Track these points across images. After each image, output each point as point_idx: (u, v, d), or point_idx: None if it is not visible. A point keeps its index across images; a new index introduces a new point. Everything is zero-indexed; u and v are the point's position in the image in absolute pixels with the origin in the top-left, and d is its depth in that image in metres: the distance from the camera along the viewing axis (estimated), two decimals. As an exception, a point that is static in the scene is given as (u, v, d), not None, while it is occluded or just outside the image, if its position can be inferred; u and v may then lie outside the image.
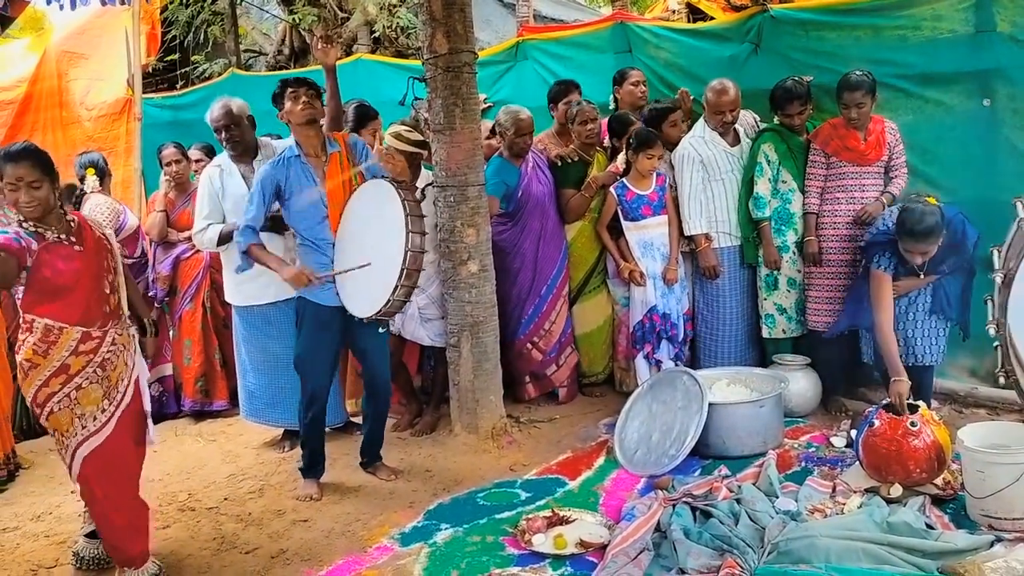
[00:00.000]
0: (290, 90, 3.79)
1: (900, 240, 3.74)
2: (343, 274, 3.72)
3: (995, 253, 3.49)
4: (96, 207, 4.93)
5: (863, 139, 4.32)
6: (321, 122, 3.96)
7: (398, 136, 4.42)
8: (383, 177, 3.69)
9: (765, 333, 4.72)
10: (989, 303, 3.47)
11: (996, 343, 3.45)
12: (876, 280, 3.85)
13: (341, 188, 3.81)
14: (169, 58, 9.06)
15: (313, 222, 3.81)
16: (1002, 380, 3.28)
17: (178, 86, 8.76)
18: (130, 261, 5.14)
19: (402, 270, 3.52)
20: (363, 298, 3.70)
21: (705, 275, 4.72)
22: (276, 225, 4.14)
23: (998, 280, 3.34)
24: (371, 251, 3.65)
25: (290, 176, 3.78)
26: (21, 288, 2.92)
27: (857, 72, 4.24)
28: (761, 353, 4.83)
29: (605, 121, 5.14)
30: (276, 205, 3.91)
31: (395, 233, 3.55)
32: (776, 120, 4.63)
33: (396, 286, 3.53)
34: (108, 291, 3.09)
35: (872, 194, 4.34)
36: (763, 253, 4.63)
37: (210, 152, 5.46)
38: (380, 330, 3.89)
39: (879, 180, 4.39)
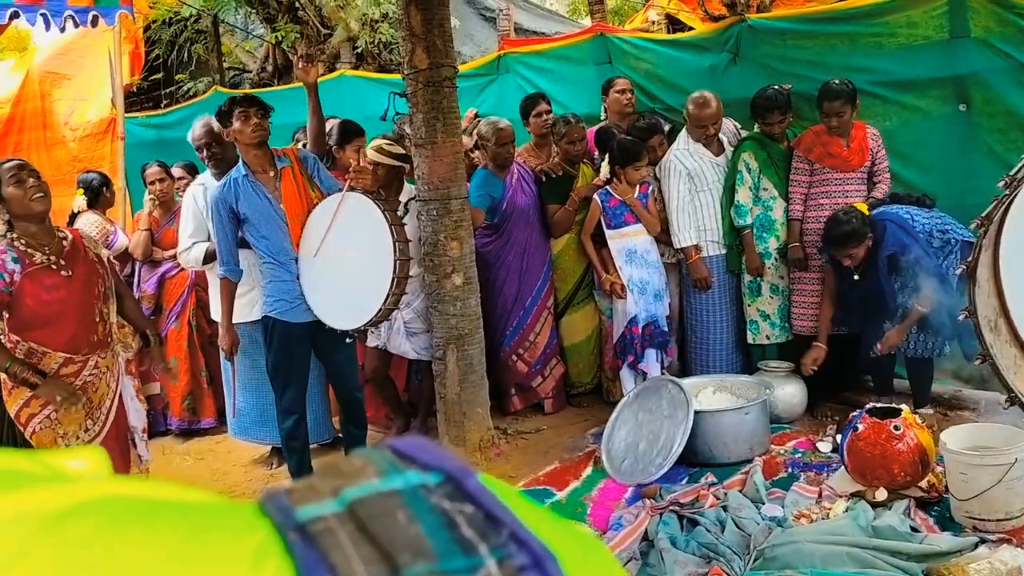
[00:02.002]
0: (239, 110, 3.72)
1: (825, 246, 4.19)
2: (313, 293, 3.76)
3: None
4: (86, 226, 4.95)
5: (846, 145, 4.35)
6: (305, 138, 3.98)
7: (379, 149, 4.45)
8: (353, 190, 3.69)
9: (750, 339, 4.74)
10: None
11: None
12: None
13: (298, 201, 3.82)
14: (153, 77, 9.06)
15: (274, 239, 3.82)
16: (977, 362, 3.25)
17: (162, 105, 8.77)
18: None
19: (393, 278, 3.55)
20: (346, 311, 3.72)
21: (697, 286, 4.74)
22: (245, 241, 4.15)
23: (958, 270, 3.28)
24: (354, 263, 3.67)
25: (241, 196, 3.77)
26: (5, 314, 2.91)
27: (836, 81, 4.28)
28: (748, 359, 4.84)
29: (592, 132, 5.17)
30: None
31: (378, 243, 3.56)
32: (756, 128, 4.67)
33: (388, 294, 3.56)
34: (98, 319, 3.05)
35: (856, 199, 4.37)
36: (746, 260, 4.65)
37: (192, 170, 5.46)
38: (347, 340, 3.91)
39: (862, 186, 4.42)
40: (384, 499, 0.32)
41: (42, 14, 4.93)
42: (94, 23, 5.32)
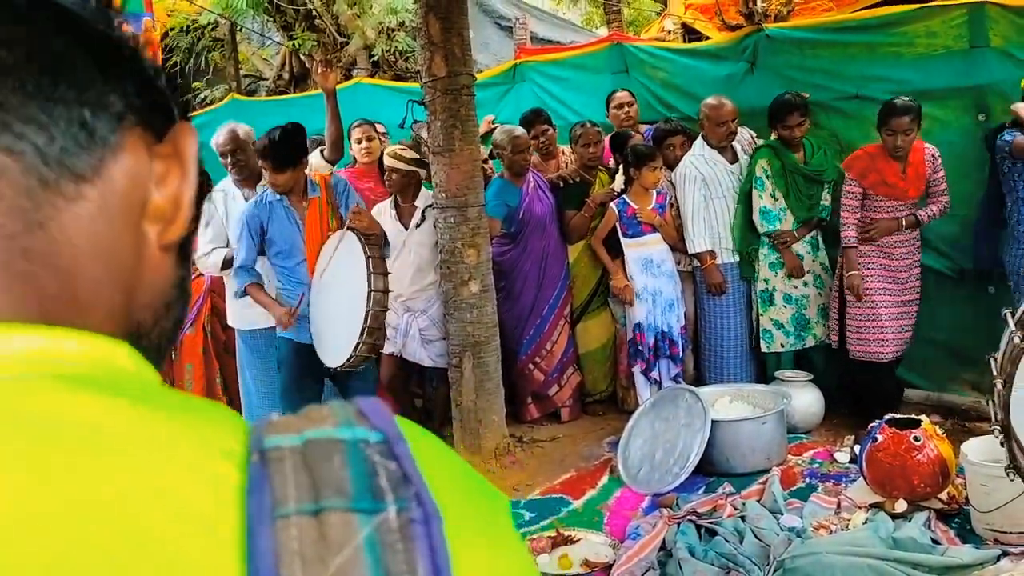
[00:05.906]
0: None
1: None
2: (318, 317, 3.77)
3: (991, 361, 2.82)
4: None
5: (903, 171, 4.13)
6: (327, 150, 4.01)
7: (394, 155, 4.48)
8: (351, 229, 3.71)
9: (764, 348, 4.71)
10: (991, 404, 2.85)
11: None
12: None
13: (318, 231, 3.86)
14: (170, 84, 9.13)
15: (292, 263, 3.85)
16: (1011, 477, 2.98)
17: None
18: None
19: (363, 328, 3.53)
20: (332, 348, 3.74)
21: (711, 292, 4.72)
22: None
23: (998, 385, 2.96)
24: (341, 303, 3.70)
25: (272, 216, 3.81)
26: None
27: (903, 98, 4.10)
28: (762, 367, 4.82)
29: (608, 137, 5.16)
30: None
31: (359, 289, 3.60)
32: (773, 136, 4.65)
33: (358, 343, 3.56)
34: None
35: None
36: (784, 262, 4.58)
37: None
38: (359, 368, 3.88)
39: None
40: (331, 444, 0.39)
41: None
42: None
